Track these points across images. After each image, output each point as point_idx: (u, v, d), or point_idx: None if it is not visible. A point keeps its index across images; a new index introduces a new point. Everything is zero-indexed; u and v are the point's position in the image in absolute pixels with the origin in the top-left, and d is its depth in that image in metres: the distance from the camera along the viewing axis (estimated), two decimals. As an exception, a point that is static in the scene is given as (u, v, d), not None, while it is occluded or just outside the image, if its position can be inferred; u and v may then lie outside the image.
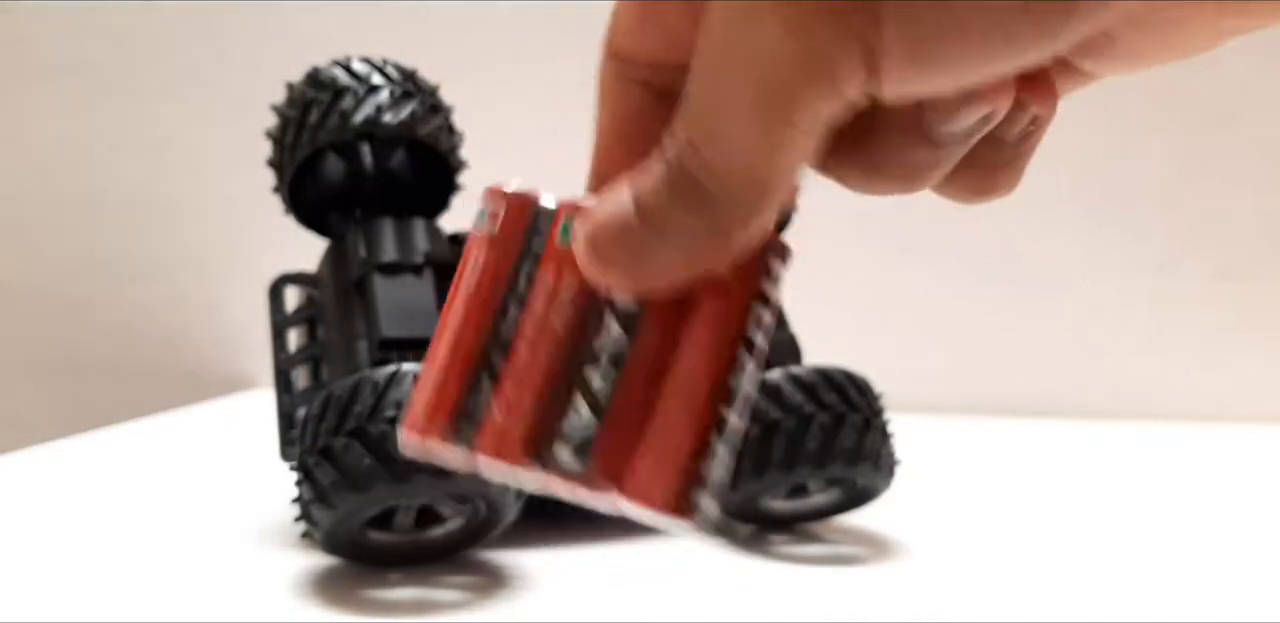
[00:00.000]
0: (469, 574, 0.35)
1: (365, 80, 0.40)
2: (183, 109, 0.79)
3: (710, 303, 0.20)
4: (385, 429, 0.30)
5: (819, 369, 0.38)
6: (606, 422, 0.19)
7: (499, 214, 0.20)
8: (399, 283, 0.36)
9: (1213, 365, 0.74)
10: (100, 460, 0.51)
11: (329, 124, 0.39)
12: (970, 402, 0.74)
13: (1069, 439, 0.67)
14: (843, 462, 0.36)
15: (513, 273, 0.20)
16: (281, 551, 0.37)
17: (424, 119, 0.39)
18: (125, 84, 0.79)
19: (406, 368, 0.32)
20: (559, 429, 0.19)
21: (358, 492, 0.30)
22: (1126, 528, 0.45)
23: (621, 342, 0.19)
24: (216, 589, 0.33)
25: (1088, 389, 0.75)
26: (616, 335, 0.20)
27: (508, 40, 0.75)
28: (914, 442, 0.44)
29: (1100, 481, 0.55)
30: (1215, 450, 0.64)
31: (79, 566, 0.36)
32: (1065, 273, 0.75)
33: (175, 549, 0.37)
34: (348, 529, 0.32)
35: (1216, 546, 0.43)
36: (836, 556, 0.39)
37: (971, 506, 0.48)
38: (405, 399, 0.31)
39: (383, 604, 0.32)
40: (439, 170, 0.41)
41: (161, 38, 0.78)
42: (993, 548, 0.41)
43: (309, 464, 0.31)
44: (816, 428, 0.36)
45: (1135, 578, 0.38)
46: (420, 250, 0.37)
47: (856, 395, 0.38)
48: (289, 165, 0.40)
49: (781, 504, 0.40)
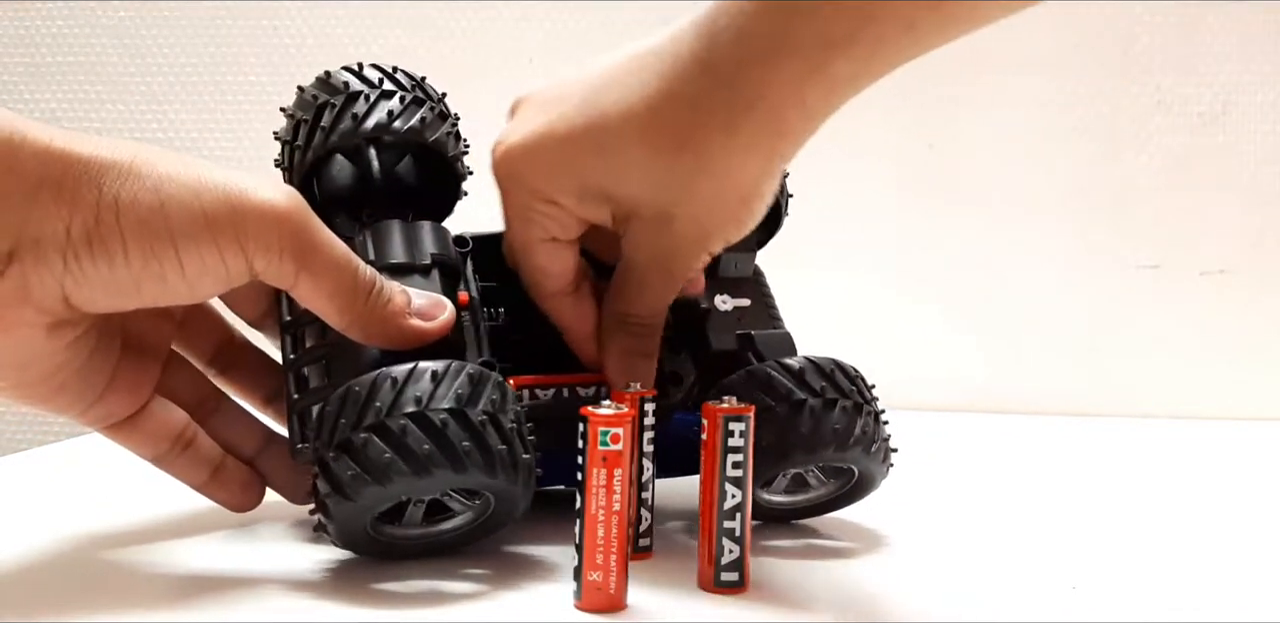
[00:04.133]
0: (480, 567, 0.35)
1: (377, 85, 0.40)
2: (192, 109, 0.79)
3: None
4: (404, 424, 0.31)
5: (809, 358, 0.39)
6: None
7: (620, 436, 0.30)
8: (407, 283, 0.36)
9: (1206, 364, 0.74)
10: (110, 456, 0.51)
11: (341, 127, 0.39)
12: (969, 401, 0.75)
13: (1064, 437, 0.67)
14: (834, 446, 0.37)
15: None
16: (293, 545, 0.38)
17: (433, 125, 0.40)
18: (135, 84, 0.79)
19: (424, 365, 0.32)
20: None
21: (378, 485, 0.31)
22: (1123, 526, 0.45)
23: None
24: (229, 584, 0.34)
25: (1084, 388, 0.75)
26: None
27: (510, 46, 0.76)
28: (913, 441, 0.44)
29: (1094, 478, 0.55)
30: (1208, 448, 0.65)
31: (90, 561, 0.36)
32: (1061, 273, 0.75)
33: (187, 545, 0.38)
34: (362, 524, 0.33)
35: (1206, 542, 0.43)
36: (835, 550, 0.39)
37: (968, 503, 0.48)
38: (423, 395, 0.32)
39: (394, 597, 0.33)
40: (446, 175, 0.41)
41: (171, 38, 0.79)
42: (991, 545, 0.42)
43: (327, 458, 0.32)
44: (807, 413, 0.37)
45: (1131, 575, 0.38)
46: (427, 252, 0.37)
47: (846, 382, 0.38)
48: (299, 167, 0.40)
49: (781, 498, 0.40)
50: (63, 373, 0.33)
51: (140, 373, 0.36)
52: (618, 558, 0.31)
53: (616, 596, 0.31)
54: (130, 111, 0.80)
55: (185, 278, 0.31)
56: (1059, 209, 0.74)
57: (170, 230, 0.30)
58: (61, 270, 0.29)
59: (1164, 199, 0.74)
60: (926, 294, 0.75)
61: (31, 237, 0.29)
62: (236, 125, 0.79)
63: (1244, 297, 0.74)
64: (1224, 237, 0.74)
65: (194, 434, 0.38)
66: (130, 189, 0.30)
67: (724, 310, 0.42)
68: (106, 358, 0.35)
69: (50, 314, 0.30)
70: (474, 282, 0.40)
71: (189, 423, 0.38)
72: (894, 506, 0.43)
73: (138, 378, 0.36)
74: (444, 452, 0.31)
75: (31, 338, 0.31)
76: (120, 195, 0.29)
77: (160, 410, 0.37)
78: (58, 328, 0.31)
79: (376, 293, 0.34)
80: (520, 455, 0.33)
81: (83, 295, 0.30)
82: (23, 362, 0.32)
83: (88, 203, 0.29)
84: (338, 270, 0.33)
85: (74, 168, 0.29)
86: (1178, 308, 0.74)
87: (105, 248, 0.29)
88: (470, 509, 0.35)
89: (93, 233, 0.29)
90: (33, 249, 0.29)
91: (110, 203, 0.29)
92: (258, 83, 0.79)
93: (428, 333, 0.35)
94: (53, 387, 0.33)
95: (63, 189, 0.29)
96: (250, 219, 0.31)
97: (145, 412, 0.36)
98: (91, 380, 0.34)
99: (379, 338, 0.34)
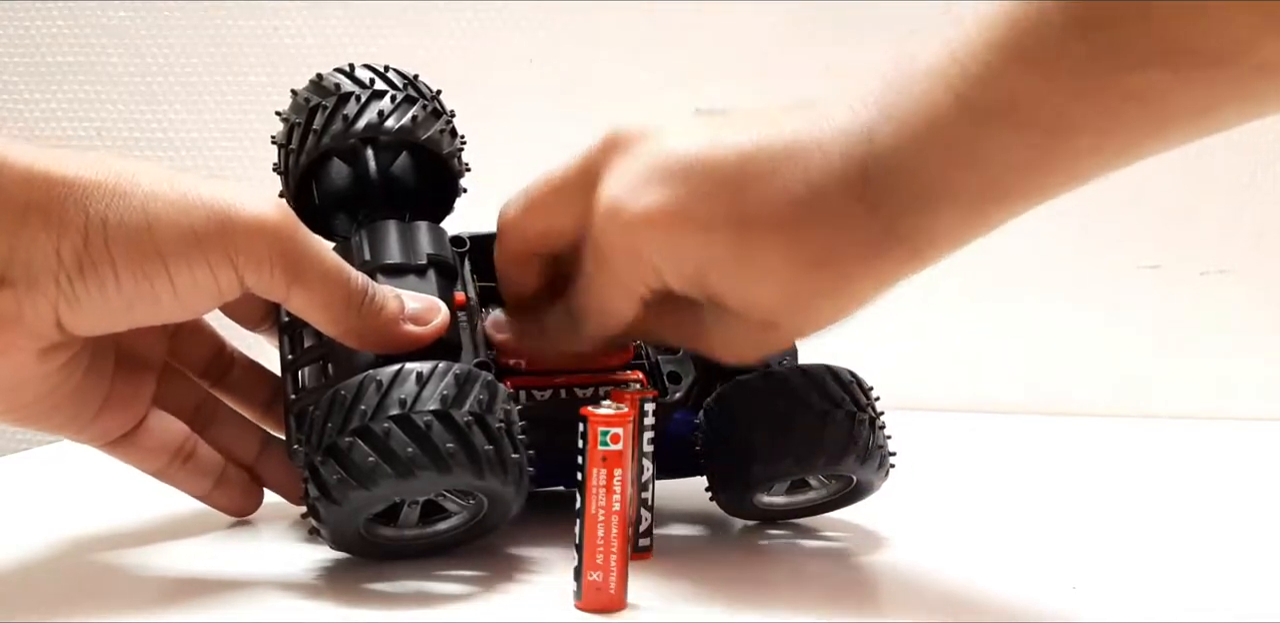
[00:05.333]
0: (479, 567, 0.35)
1: (368, 86, 0.40)
2: (192, 109, 0.79)
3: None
4: (388, 427, 0.31)
5: (801, 367, 0.39)
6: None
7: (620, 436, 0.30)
8: (403, 283, 0.36)
9: (1206, 364, 0.74)
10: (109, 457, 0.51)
11: (333, 129, 0.39)
12: (969, 402, 0.75)
13: (1064, 437, 0.68)
14: (826, 459, 0.37)
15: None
16: (291, 545, 0.38)
17: (425, 123, 0.40)
18: (135, 84, 0.79)
19: (410, 367, 0.32)
20: None
21: (363, 489, 0.31)
22: (1123, 526, 0.46)
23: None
24: (227, 584, 0.34)
25: (1084, 388, 0.75)
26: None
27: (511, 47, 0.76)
28: (912, 440, 0.44)
29: (1093, 478, 0.55)
30: (1208, 448, 0.65)
31: (89, 561, 0.36)
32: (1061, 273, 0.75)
33: (186, 545, 0.38)
34: (354, 526, 0.33)
35: (1206, 542, 0.43)
36: (835, 550, 0.39)
37: (968, 502, 0.48)
38: (408, 397, 0.32)
39: (394, 597, 0.33)
40: (441, 173, 0.41)
41: (171, 38, 0.79)
42: (990, 544, 0.42)
43: (315, 463, 0.32)
44: (800, 427, 0.37)
45: (1131, 575, 0.38)
46: (423, 252, 0.37)
47: (839, 391, 0.38)
48: (294, 170, 0.40)
49: (778, 500, 0.40)
50: (57, 394, 0.33)
51: (135, 389, 0.36)
52: (618, 558, 0.31)
53: (616, 596, 0.31)
54: (130, 111, 0.80)
55: (177, 296, 0.31)
56: (1059, 209, 0.74)
57: (159, 250, 0.30)
58: (55, 295, 0.29)
59: (1164, 199, 0.73)
60: (926, 294, 0.75)
61: (23, 262, 0.29)
62: (236, 125, 0.79)
63: (1244, 297, 0.74)
64: (1224, 237, 0.74)
65: (194, 446, 0.38)
66: (117, 210, 0.29)
67: None
68: (101, 377, 0.35)
69: (43, 338, 0.30)
70: (472, 282, 0.40)
71: (188, 435, 0.38)
72: (894, 506, 0.43)
73: (133, 394, 0.36)
74: (428, 454, 0.31)
75: (24, 362, 0.31)
76: (108, 217, 0.29)
77: (158, 425, 0.37)
78: (50, 351, 0.31)
79: (369, 301, 0.34)
80: (509, 455, 0.33)
81: (76, 319, 0.30)
82: (16, 385, 0.31)
83: (75, 226, 0.29)
84: (329, 281, 0.33)
85: (59, 190, 0.29)
86: (1178, 308, 0.74)
87: (96, 271, 0.29)
88: (465, 509, 0.35)
89: (83, 256, 0.29)
90: (25, 274, 0.29)
91: (98, 225, 0.29)
92: (257, 83, 0.78)
93: (422, 338, 0.35)
94: (47, 408, 0.33)
95: (50, 213, 0.29)
96: (239, 234, 0.31)
97: (143, 427, 0.36)
98: (86, 400, 0.34)
99: (374, 345, 0.34)
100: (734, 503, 0.40)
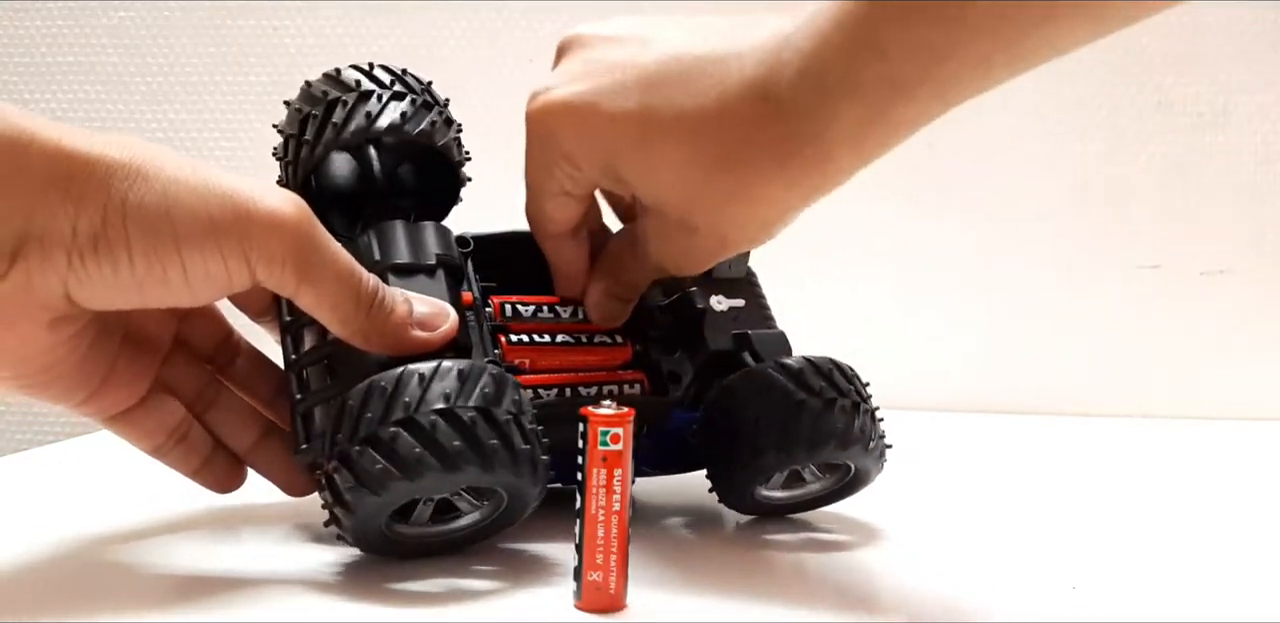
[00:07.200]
0: (479, 567, 0.35)
1: (388, 86, 0.40)
2: (192, 109, 0.79)
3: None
4: (434, 419, 0.31)
5: (807, 358, 0.39)
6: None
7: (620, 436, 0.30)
8: (413, 283, 0.36)
9: (1206, 364, 0.74)
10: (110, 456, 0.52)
11: (354, 125, 0.39)
12: (968, 401, 0.75)
13: (1064, 437, 0.68)
14: (835, 445, 0.37)
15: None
16: (294, 545, 0.38)
17: (441, 130, 0.40)
18: (135, 84, 0.79)
19: (412, 368, 0.33)
20: None
21: (406, 480, 0.31)
22: (1123, 526, 0.46)
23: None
24: (229, 584, 0.34)
25: (1084, 388, 0.75)
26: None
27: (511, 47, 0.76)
28: (911, 439, 0.44)
29: (1094, 478, 0.55)
30: (1208, 448, 0.65)
31: (90, 561, 0.36)
32: (1061, 273, 0.75)
33: (188, 545, 0.38)
34: (381, 519, 0.33)
35: (1206, 542, 0.43)
36: (833, 550, 0.39)
37: (968, 502, 0.48)
38: (451, 392, 0.32)
39: (393, 596, 0.33)
40: (448, 180, 0.42)
41: (171, 38, 0.79)
42: (990, 544, 0.42)
43: (351, 453, 0.32)
44: (808, 413, 0.37)
45: (1131, 575, 0.38)
46: (432, 252, 0.38)
47: (844, 381, 0.39)
48: (306, 161, 0.40)
49: (777, 493, 0.41)
50: (62, 366, 0.33)
51: (139, 367, 0.36)
52: (618, 558, 0.31)
53: (616, 596, 0.31)
54: (130, 111, 0.80)
55: (188, 282, 0.31)
56: (1059, 209, 0.74)
57: (175, 234, 0.30)
58: (65, 269, 0.29)
59: (1164, 199, 0.74)
60: (926, 294, 0.75)
61: (38, 235, 0.29)
62: (236, 125, 0.79)
63: (1244, 297, 0.74)
64: (1224, 237, 0.74)
65: (189, 428, 0.38)
66: (138, 191, 0.30)
67: (719, 311, 0.42)
68: (105, 353, 0.35)
69: (52, 310, 0.30)
70: (475, 281, 0.40)
71: (185, 417, 0.38)
72: (894, 506, 0.43)
73: (136, 372, 0.36)
74: (473, 449, 0.31)
75: (33, 332, 0.31)
76: (128, 197, 0.29)
77: (158, 406, 0.37)
78: (59, 323, 0.31)
79: (379, 304, 0.34)
80: (539, 455, 0.33)
81: (85, 294, 0.30)
82: (23, 355, 0.32)
83: (95, 203, 0.29)
84: (340, 282, 0.33)
85: (82, 168, 0.29)
86: (1178, 308, 0.74)
87: (110, 249, 0.29)
88: (478, 509, 0.35)
89: (99, 234, 0.29)
90: (38, 247, 0.29)
91: (117, 204, 0.29)
92: (258, 83, 0.79)
93: (429, 343, 0.35)
94: (51, 378, 0.33)
95: (70, 188, 0.29)
96: (255, 227, 0.31)
97: (143, 406, 0.37)
98: (89, 373, 0.34)
99: (381, 347, 0.34)
100: (735, 496, 0.40)
